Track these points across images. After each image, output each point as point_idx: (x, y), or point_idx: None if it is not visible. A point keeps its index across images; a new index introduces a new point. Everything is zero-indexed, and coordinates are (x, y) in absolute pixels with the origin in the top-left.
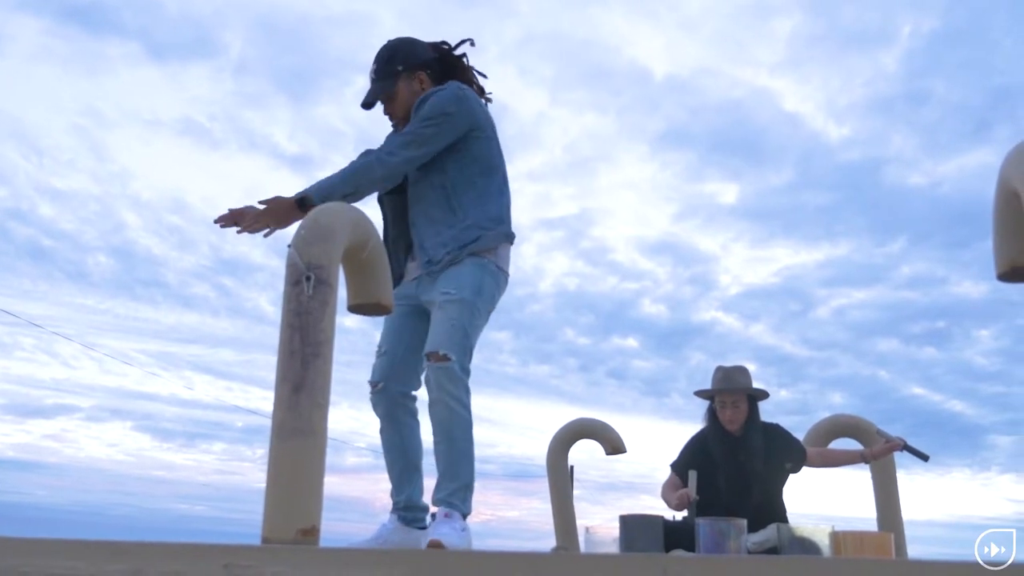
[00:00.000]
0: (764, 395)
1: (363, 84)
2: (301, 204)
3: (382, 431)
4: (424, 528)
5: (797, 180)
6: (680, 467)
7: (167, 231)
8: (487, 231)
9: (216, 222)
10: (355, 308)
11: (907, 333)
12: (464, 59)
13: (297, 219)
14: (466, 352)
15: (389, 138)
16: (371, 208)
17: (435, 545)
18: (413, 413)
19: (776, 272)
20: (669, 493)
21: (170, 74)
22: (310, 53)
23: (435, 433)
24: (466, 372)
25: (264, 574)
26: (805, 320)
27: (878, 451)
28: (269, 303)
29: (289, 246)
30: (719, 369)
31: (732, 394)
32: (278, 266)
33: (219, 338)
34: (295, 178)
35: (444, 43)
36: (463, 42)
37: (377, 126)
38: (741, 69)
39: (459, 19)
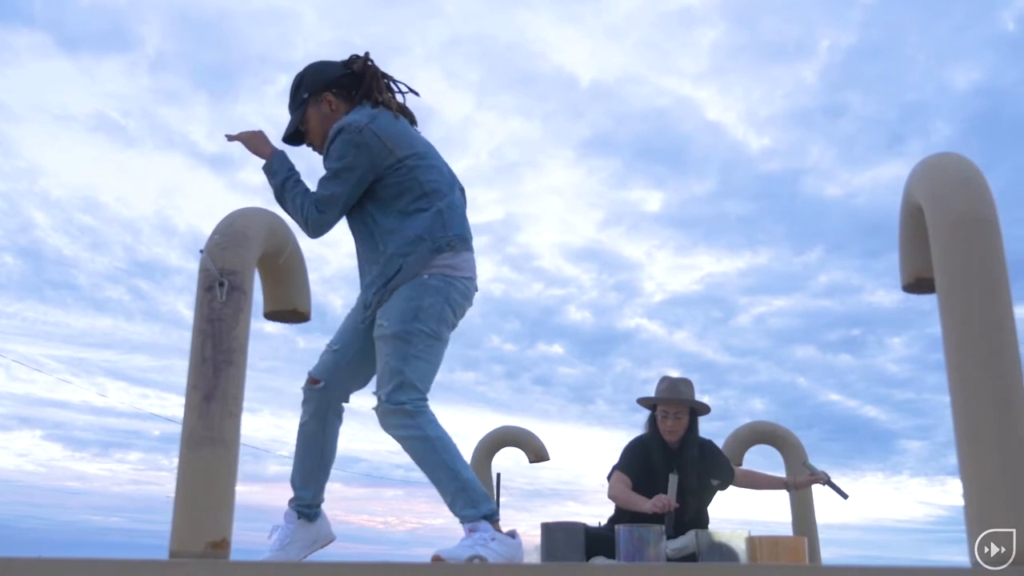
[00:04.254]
0: (706, 410)
1: (285, 82)
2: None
3: (305, 424)
4: (317, 516)
5: (719, 189)
6: (628, 468)
7: (78, 231)
8: (408, 256)
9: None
10: (271, 315)
11: (824, 340)
12: (375, 70)
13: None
14: (400, 385)
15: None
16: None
17: (436, 559)
18: (341, 415)
19: (699, 280)
20: (626, 492)
21: (82, 67)
22: (230, 49)
23: (412, 458)
24: (395, 402)
25: None
26: (726, 327)
27: (801, 482)
28: (187, 307)
29: (201, 250)
30: (665, 379)
31: (675, 405)
32: (196, 269)
33: (134, 343)
34: (215, 178)
35: (355, 56)
36: (367, 56)
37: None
38: (665, 78)
39: (383, 18)
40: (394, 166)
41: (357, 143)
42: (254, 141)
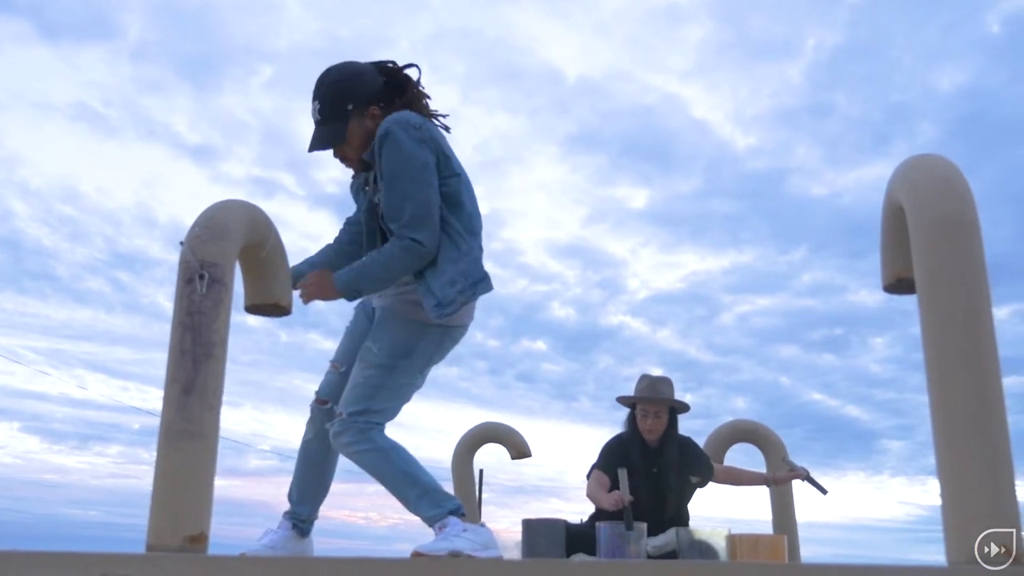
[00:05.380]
0: (685, 408)
1: (270, 74)
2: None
3: (309, 442)
4: (309, 533)
5: (705, 187)
6: (607, 467)
7: (58, 221)
8: (463, 293)
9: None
10: (252, 309)
11: (807, 340)
12: (412, 78)
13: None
14: (365, 410)
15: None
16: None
17: (416, 555)
18: None
19: (683, 278)
20: (600, 492)
21: (63, 55)
22: (214, 40)
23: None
24: (351, 421)
25: None
26: (710, 326)
27: (781, 477)
28: (167, 299)
29: (182, 242)
30: (644, 378)
31: (655, 405)
32: (177, 261)
33: (114, 335)
34: (197, 169)
35: (390, 62)
36: (410, 65)
37: (283, 116)
38: (652, 75)
39: (369, 10)
40: (448, 175)
41: (422, 139)
42: (323, 290)
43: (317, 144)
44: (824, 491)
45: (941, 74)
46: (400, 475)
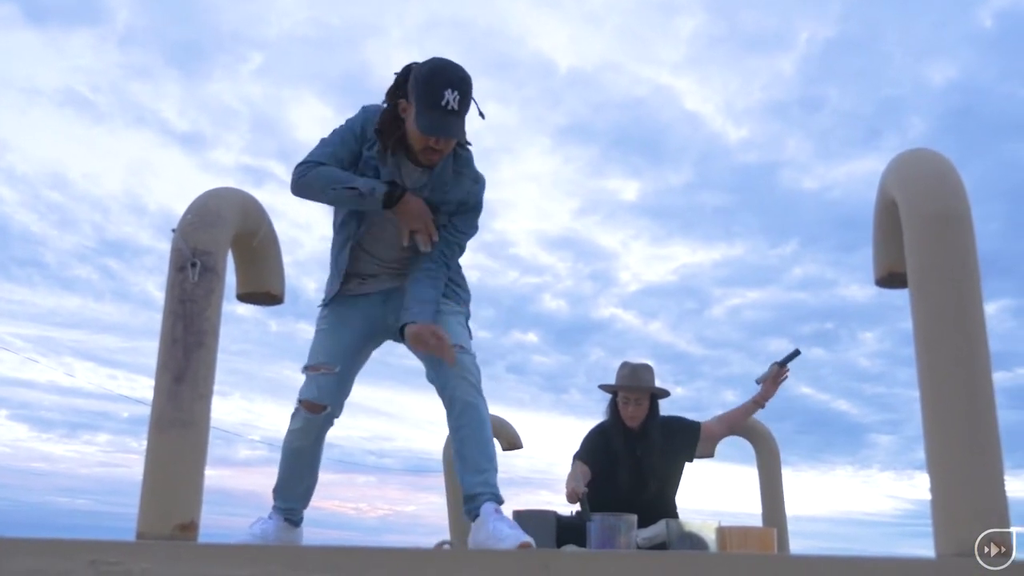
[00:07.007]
0: (665, 394)
1: (259, 61)
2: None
3: (303, 449)
4: (301, 522)
5: (696, 180)
6: (585, 457)
7: (46, 208)
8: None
9: None
10: (244, 297)
11: (797, 333)
12: None
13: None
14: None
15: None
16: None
17: (527, 546)
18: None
19: (674, 271)
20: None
21: (50, 40)
22: (202, 25)
23: (465, 418)
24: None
25: (132, 571)
26: (701, 319)
27: (766, 392)
28: (156, 288)
29: (173, 230)
30: (625, 365)
31: (636, 392)
32: (167, 249)
33: (103, 323)
34: (185, 157)
35: None
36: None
37: (273, 104)
38: (644, 66)
39: None
40: None
41: None
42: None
43: (461, 132)
44: (798, 351)
45: (932, 69)
46: (491, 440)
